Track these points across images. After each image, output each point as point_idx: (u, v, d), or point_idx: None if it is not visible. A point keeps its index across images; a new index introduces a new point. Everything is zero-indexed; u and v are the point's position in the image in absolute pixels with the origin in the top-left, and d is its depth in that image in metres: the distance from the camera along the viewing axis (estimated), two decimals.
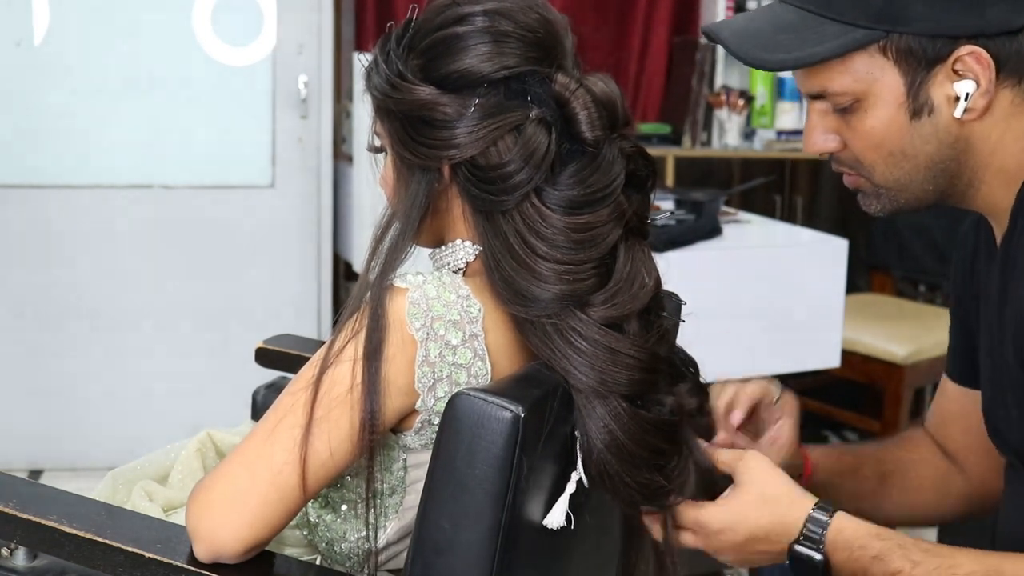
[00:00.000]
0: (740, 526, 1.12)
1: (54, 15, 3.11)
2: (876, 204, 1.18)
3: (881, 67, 1.10)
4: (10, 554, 1.20)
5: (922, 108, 1.11)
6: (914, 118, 1.11)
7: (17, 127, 3.14)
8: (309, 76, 3.26)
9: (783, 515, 1.12)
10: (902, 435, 1.47)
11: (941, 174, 1.14)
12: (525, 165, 1.07)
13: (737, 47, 1.13)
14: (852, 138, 1.15)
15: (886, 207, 1.18)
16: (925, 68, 1.09)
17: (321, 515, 1.18)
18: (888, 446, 1.44)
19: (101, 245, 3.21)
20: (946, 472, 1.40)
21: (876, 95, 1.11)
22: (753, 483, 1.13)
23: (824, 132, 1.17)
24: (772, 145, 3.85)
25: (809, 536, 1.10)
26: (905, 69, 1.09)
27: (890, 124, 1.12)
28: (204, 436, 1.47)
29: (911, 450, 1.42)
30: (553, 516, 1.08)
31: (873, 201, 1.18)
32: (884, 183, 1.15)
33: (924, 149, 1.12)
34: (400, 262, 1.11)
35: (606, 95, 1.11)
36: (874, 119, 1.12)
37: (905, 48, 1.08)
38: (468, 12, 1.09)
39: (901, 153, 1.13)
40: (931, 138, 1.12)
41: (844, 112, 1.13)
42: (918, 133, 1.12)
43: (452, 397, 1.03)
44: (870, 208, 1.19)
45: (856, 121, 1.13)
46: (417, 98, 1.09)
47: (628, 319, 1.10)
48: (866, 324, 3.06)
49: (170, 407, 3.27)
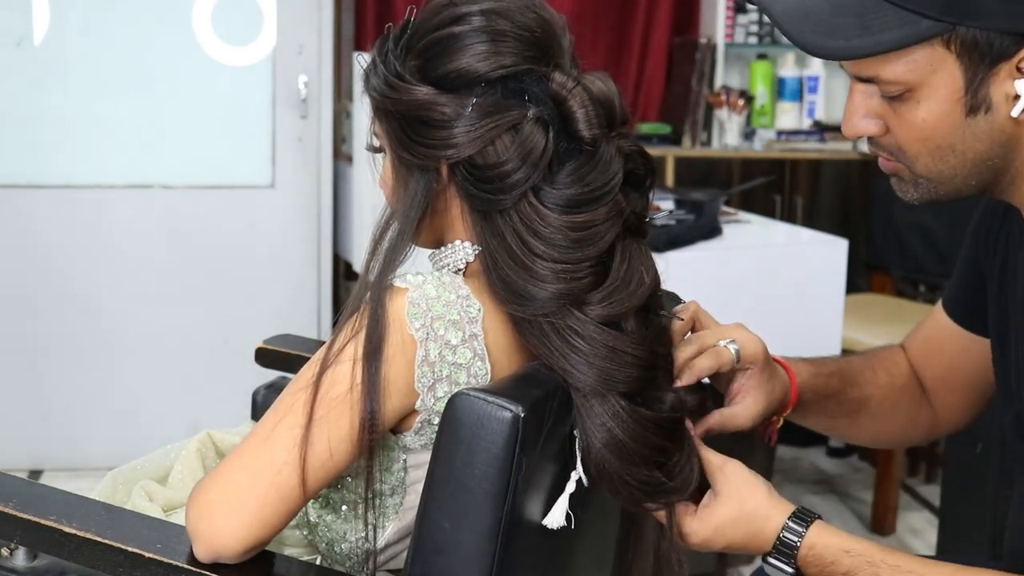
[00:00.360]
0: (717, 541, 1.13)
1: (54, 15, 3.11)
2: (913, 193, 1.13)
3: (942, 59, 1.03)
4: (10, 554, 1.20)
5: (980, 105, 1.05)
6: (970, 115, 1.05)
7: (17, 127, 3.14)
8: (309, 76, 3.26)
9: (759, 529, 1.12)
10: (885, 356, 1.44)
11: (987, 170, 1.09)
12: (523, 164, 1.07)
13: (791, 28, 1.05)
14: (898, 126, 1.09)
15: (923, 197, 1.13)
16: (989, 64, 1.03)
17: (321, 515, 1.18)
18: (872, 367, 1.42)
19: (101, 245, 3.22)
20: (918, 403, 1.41)
21: (932, 87, 1.05)
22: (731, 496, 1.13)
23: (866, 115, 1.10)
24: (772, 145, 3.85)
25: (782, 551, 1.11)
26: (967, 64, 1.03)
27: (943, 119, 1.06)
28: (204, 436, 1.47)
29: (892, 374, 1.41)
30: (553, 516, 1.08)
31: (910, 189, 1.13)
32: (926, 175, 1.10)
33: (975, 146, 1.07)
34: (400, 262, 1.11)
35: (603, 93, 1.11)
36: (926, 112, 1.06)
37: (971, 42, 1.02)
38: (465, 12, 1.09)
39: (949, 148, 1.08)
40: (984, 136, 1.07)
41: (893, 99, 1.07)
42: (971, 130, 1.06)
43: (452, 397, 1.03)
44: (905, 195, 1.14)
45: (905, 110, 1.07)
46: (415, 98, 1.09)
47: (626, 317, 1.10)
48: (866, 324, 3.06)
49: (170, 407, 3.27)
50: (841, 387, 1.38)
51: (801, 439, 3.62)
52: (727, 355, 1.22)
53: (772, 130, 3.94)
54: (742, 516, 1.12)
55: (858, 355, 1.46)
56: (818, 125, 3.97)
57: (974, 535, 2.43)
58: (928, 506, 3.25)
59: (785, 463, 3.50)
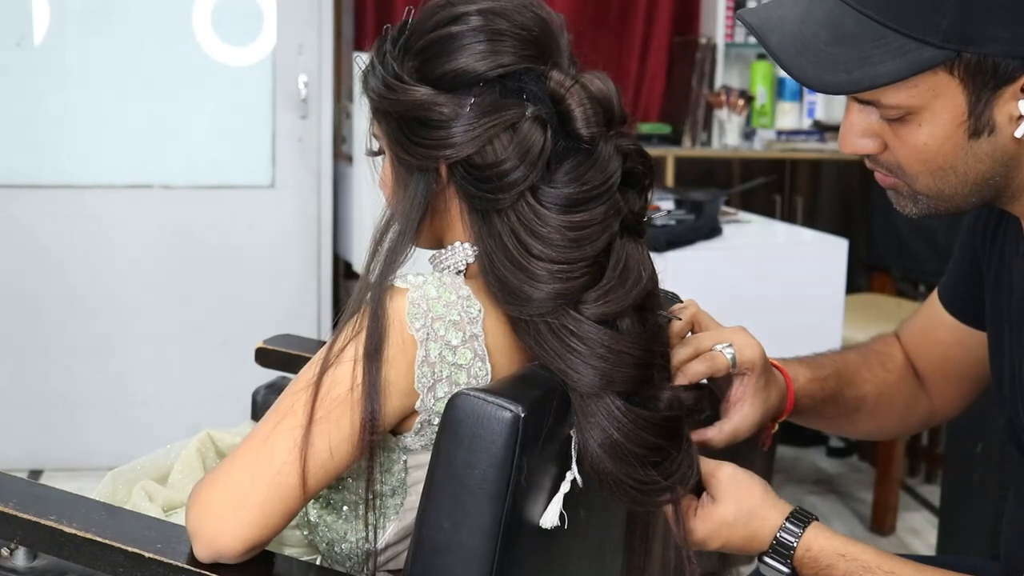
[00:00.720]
0: (713, 540, 1.14)
1: (54, 15, 3.11)
2: (912, 208, 1.13)
3: (945, 84, 1.01)
4: (10, 554, 1.20)
5: (983, 128, 1.04)
6: (972, 137, 1.04)
7: (17, 127, 3.14)
8: (309, 76, 3.26)
9: (757, 530, 1.13)
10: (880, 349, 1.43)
11: (988, 188, 1.09)
12: (521, 163, 1.07)
13: (789, 63, 1.03)
14: (898, 147, 1.08)
15: (922, 212, 1.12)
16: (992, 88, 1.01)
17: (322, 515, 1.18)
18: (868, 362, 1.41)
19: (101, 245, 3.22)
20: (914, 394, 1.41)
21: (934, 111, 1.03)
22: (728, 498, 1.14)
23: (864, 134, 1.09)
24: (772, 145, 3.85)
25: (778, 551, 1.12)
26: (971, 88, 1.01)
27: (945, 142, 1.05)
28: (204, 436, 1.47)
29: (887, 368, 1.41)
30: (547, 516, 1.08)
31: (909, 204, 1.13)
32: (926, 192, 1.10)
33: (976, 167, 1.06)
34: (400, 263, 1.11)
35: (602, 92, 1.11)
36: (928, 136, 1.05)
37: (975, 68, 1.00)
38: (463, 12, 1.09)
39: (951, 169, 1.07)
40: (986, 157, 1.06)
41: (893, 120, 1.06)
42: (973, 152, 1.05)
43: (452, 397, 1.03)
44: (904, 209, 1.13)
45: (906, 133, 1.06)
46: (413, 98, 1.09)
47: (622, 316, 1.10)
48: (866, 324, 3.05)
49: (170, 407, 3.27)
50: (838, 388, 1.37)
51: (801, 439, 3.62)
52: (722, 360, 1.21)
53: (772, 130, 3.94)
54: (740, 516, 1.13)
55: (854, 348, 1.45)
56: (818, 125, 3.97)
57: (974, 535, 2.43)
58: (928, 506, 3.25)
59: (785, 463, 3.50)
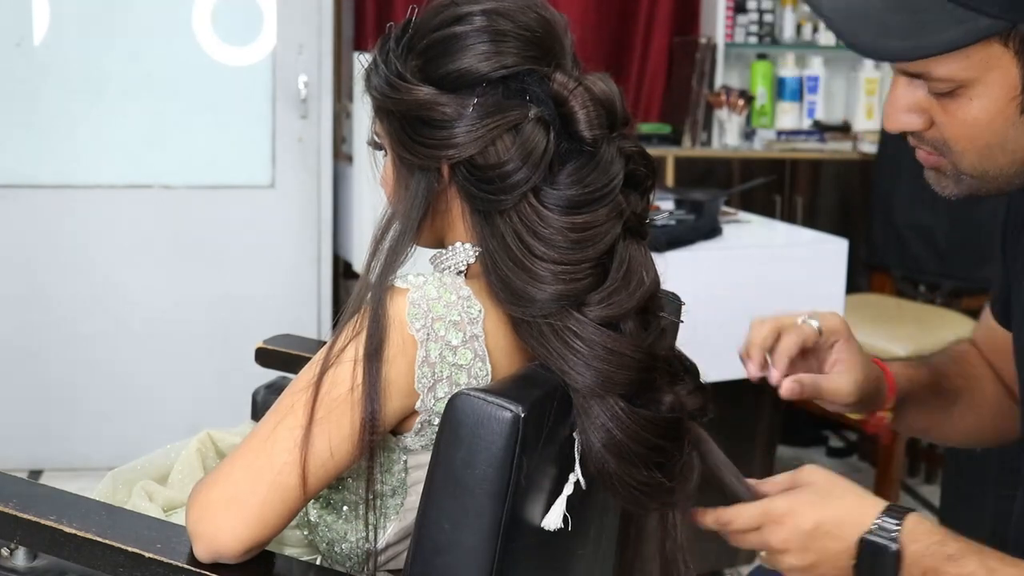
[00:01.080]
0: (808, 512, 1.04)
1: (54, 15, 3.11)
2: (953, 188, 1.09)
3: (999, 57, 0.99)
4: (10, 554, 1.20)
5: None
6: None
7: (17, 127, 3.14)
8: (309, 76, 3.26)
9: (853, 507, 1.04)
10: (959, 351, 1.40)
11: None
12: (523, 164, 1.07)
13: (843, 27, 1.01)
14: (946, 123, 1.05)
15: (963, 192, 1.09)
16: None
17: (322, 515, 1.18)
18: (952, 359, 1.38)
19: (101, 245, 3.22)
20: (1002, 392, 1.37)
21: (986, 85, 1.01)
22: (817, 482, 1.07)
23: (910, 109, 1.06)
24: (772, 145, 3.85)
25: (884, 526, 1.02)
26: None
27: (996, 116, 1.02)
28: (204, 436, 1.47)
29: (972, 364, 1.37)
30: (550, 518, 1.08)
31: (950, 184, 1.09)
32: (971, 171, 1.07)
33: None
34: (400, 263, 1.11)
35: (605, 94, 1.11)
36: (979, 109, 1.02)
37: None
38: (467, 12, 1.09)
39: (999, 146, 1.04)
40: None
41: (942, 95, 1.03)
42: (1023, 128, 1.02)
43: (452, 397, 1.03)
44: (944, 190, 1.10)
45: (955, 107, 1.03)
46: (416, 98, 1.09)
47: (625, 318, 1.10)
48: (866, 324, 3.06)
49: (170, 407, 3.27)
50: (934, 379, 1.33)
51: (801, 439, 3.62)
52: (808, 330, 1.19)
53: (772, 130, 3.94)
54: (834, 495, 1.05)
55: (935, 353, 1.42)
56: (818, 125, 3.97)
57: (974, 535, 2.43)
58: (928, 506, 3.25)
59: (785, 463, 3.50)
